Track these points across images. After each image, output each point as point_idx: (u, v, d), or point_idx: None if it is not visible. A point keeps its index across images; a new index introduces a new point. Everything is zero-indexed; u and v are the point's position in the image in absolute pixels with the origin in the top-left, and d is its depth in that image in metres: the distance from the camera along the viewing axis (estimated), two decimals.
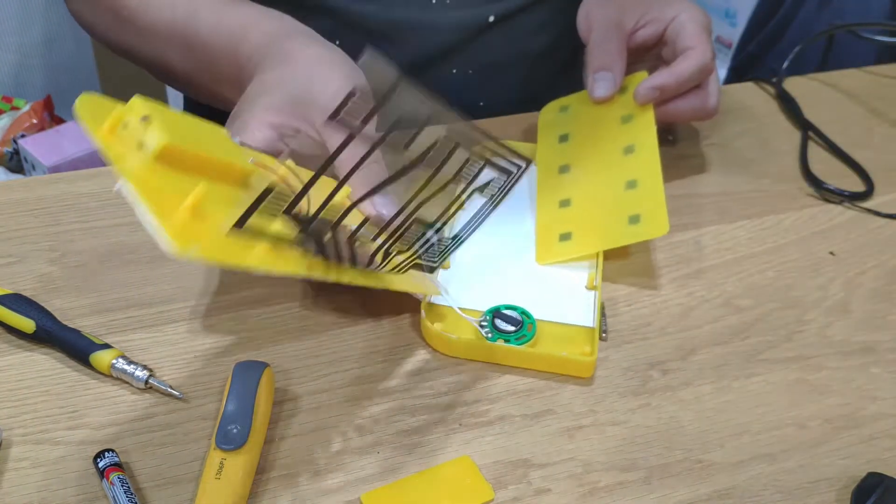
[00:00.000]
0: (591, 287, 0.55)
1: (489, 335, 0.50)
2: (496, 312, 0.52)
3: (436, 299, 0.52)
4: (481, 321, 0.51)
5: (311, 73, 0.52)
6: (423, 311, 0.51)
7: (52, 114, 1.65)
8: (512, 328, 0.51)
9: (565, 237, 0.57)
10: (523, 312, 0.52)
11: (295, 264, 0.40)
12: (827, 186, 0.66)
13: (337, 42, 0.73)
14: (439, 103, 0.45)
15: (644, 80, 0.61)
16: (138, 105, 0.38)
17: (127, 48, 0.67)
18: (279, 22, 0.58)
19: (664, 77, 0.61)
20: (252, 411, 0.44)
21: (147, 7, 0.62)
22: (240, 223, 0.36)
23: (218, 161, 0.40)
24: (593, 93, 0.62)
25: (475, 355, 0.50)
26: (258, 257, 0.38)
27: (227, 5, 0.60)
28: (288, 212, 0.38)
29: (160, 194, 0.35)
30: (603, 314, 0.54)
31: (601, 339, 0.52)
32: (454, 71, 0.75)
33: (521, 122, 0.71)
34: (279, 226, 0.38)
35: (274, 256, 0.39)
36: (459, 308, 0.51)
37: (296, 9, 0.71)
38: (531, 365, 0.50)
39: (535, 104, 0.68)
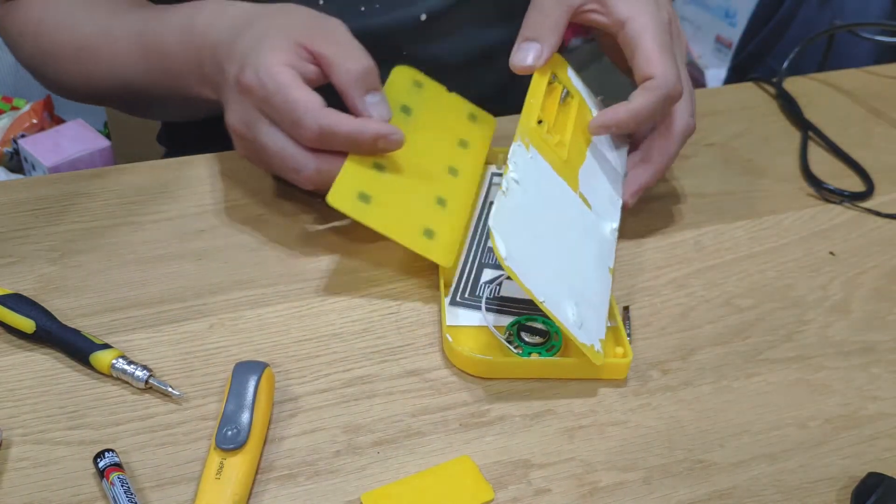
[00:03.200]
0: None
1: (519, 351, 0.49)
2: (520, 325, 0.51)
3: (455, 320, 0.51)
4: (507, 337, 0.50)
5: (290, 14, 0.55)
6: (448, 336, 0.49)
7: (52, 114, 1.65)
8: (540, 339, 0.50)
9: (364, 198, 0.52)
10: (544, 321, 0.51)
11: None
12: (827, 186, 0.66)
13: None
14: None
15: (597, 116, 0.57)
16: None
17: (83, 83, 0.67)
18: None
19: (619, 114, 0.55)
20: (252, 411, 0.44)
21: (106, 37, 0.63)
22: None
23: None
24: (511, 59, 0.57)
25: (510, 374, 0.49)
26: None
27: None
28: None
29: None
30: (627, 316, 0.54)
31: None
32: None
33: None
34: None
35: None
36: (494, 327, 0.50)
37: None
38: (566, 374, 0.49)
39: (495, 104, 0.67)
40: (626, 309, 0.54)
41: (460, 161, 0.59)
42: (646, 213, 0.62)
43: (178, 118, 0.68)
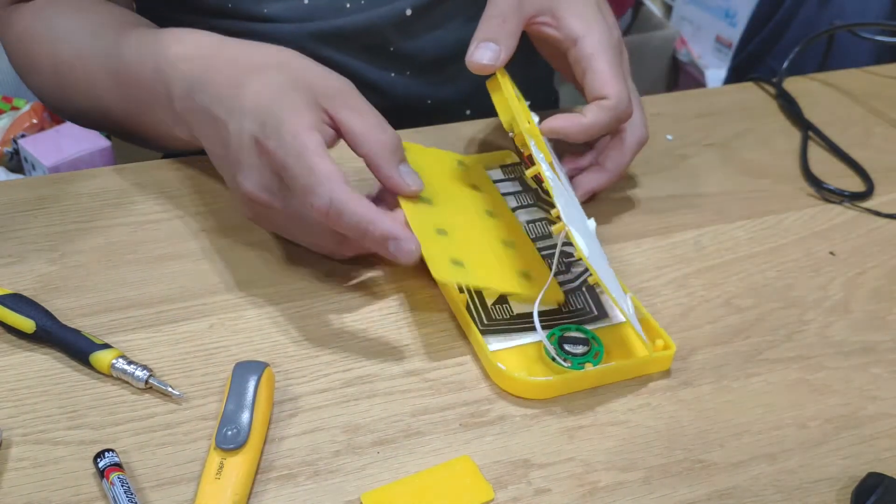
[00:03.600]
0: None
1: (569, 364, 0.48)
2: (560, 338, 0.50)
3: (497, 344, 0.50)
4: (553, 353, 0.49)
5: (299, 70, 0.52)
6: (500, 364, 0.48)
7: (53, 114, 1.65)
8: (583, 348, 0.49)
9: (457, 263, 0.51)
10: (578, 328, 0.50)
11: None
12: (827, 186, 0.66)
13: None
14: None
15: (551, 119, 0.56)
16: None
17: (70, 103, 0.65)
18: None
19: (572, 125, 0.55)
20: (252, 411, 0.44)
21: (81, 56, 0.62)
22: None
23: None
24: (472, 56, 0.56)
25: (568, 389, 0.48)
26: None
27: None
28: None
29: None
30: None
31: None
32: (392, 74, 0.74)
33: (469, 128, 0.69)
34: None
35: None
36: (547, 340, 0.49)
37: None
38: (619, 378, 0.49)
39: (483, 98, 0.66)
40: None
41: (487, 202, 0.58)
42: (646, 213, 0.62)
43: (157, 149, 0.67)
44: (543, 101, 0.89)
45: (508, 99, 0.55)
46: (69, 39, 0.63)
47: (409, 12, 0.71)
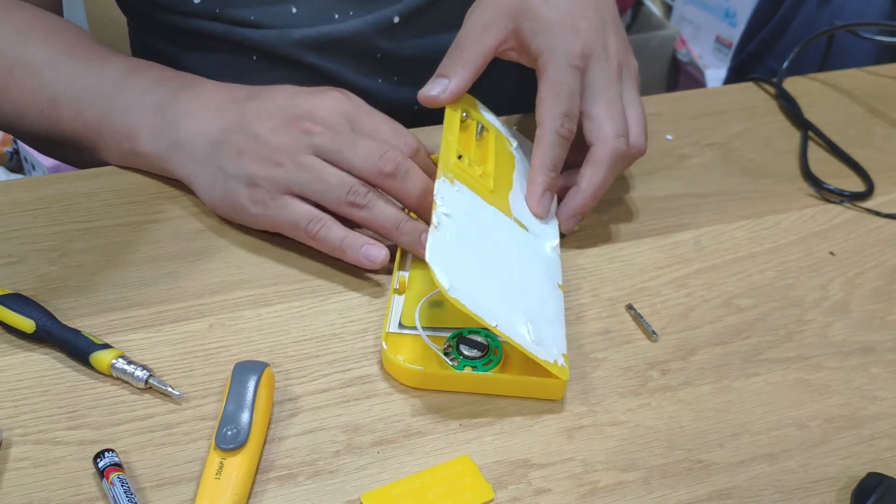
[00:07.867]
0: None
1: (455, 363, 0.48)
2: (460, 337, 0.50)
3: (396, 328, 0.50)
4: (445, 348, 0.49)
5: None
6: (384, 343, 0.49)
7: None
8: (478, 353, 0.49)
9: (436, 304, 0.52)
10: (487, 335, 0.50)
11: None
12: (827, 186, 0.66)
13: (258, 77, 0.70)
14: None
15: (562, 209, 0.57)
16: None
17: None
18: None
19: (581, 201, 0.56)
20: (252, 411, 0.44)
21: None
22: None
23: None
24: (419, 92, 0.58)
25: (442, 386, 0.48)
26: None
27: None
28: None
29: None
30: (639, 315, 0.54)
31: (651, 339, 0.52)
32: (379, 81, 0.74)
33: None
34: None
35: None
36: (434, 337, 0.49)
37: (205, 41, 0.70)
38: (499, 391, 0.48)
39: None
40: (630, 307, 0.54)
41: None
42: (646, 213, 0.62)
43: (89, 164, 0.65)
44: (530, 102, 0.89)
45: (444, 135, 0.56)
46: (32, 40, 0.61)
47: (396, 20, 0.71)
